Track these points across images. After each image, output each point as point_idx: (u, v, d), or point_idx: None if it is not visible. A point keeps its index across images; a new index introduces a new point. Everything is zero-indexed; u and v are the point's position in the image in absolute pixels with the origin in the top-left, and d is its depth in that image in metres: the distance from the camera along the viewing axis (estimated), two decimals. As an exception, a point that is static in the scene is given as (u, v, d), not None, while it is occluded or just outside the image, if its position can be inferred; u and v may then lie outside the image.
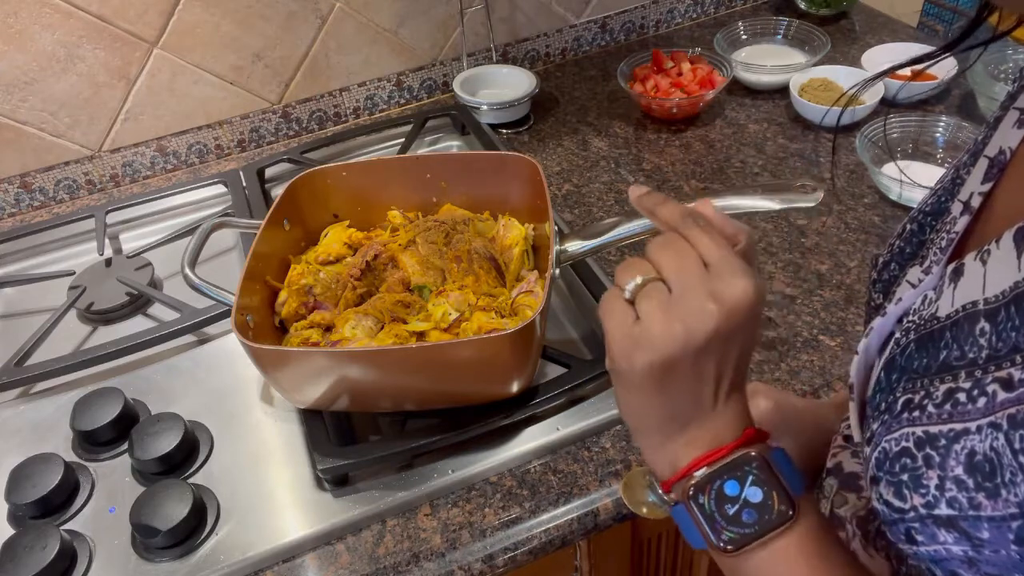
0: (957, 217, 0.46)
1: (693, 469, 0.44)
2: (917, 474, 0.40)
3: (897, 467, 0.42)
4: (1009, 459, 0.36)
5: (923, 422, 0.41)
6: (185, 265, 0.79)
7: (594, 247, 0.72)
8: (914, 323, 0.46)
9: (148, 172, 1.19)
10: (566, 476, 0.72)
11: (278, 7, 1.11)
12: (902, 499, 0.41)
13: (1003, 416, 0.37)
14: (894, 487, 0.42)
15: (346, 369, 0.67)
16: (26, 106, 1.07)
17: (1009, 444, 0.36)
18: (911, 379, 0.44)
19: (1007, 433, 0.37)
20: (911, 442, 0.41)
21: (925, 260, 0.48)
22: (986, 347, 0.40)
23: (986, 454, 0.38)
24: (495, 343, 0.65)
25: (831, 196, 0.99)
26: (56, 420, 0.81)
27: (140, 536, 0.68)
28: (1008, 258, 0.40)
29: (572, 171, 1.10)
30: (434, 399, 0.73)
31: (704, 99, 1.14)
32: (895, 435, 0.42)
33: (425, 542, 0.68)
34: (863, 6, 1.39)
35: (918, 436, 0.41)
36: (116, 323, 0.94)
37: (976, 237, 0.46)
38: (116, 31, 1.05)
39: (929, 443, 0.40)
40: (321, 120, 1.24)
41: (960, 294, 0.43)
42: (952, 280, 0.44)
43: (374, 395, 0.72)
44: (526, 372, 0.70)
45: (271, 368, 0.69)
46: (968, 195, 0.46)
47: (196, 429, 0.77)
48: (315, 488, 0.72)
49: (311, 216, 0.86)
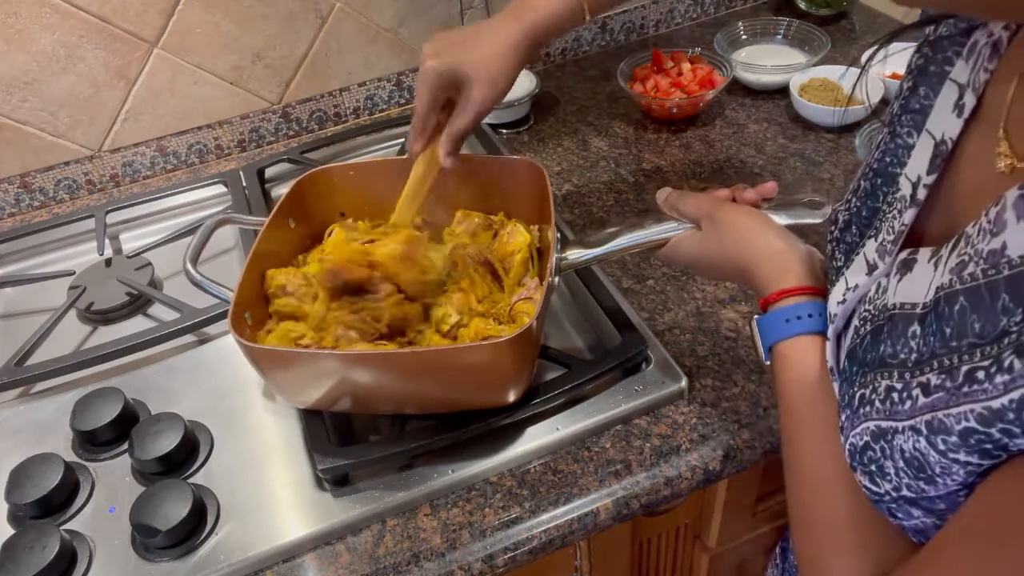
0: (905, 206, 0.49)
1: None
2: (880, 464, 0.43)
3: (865, 459, 0.45)
4: (936, 458, 0.39)
5: (873, 416, 0.44)
6: (187, 261, 0.79)
7: (595, 256, 0.72)
8: (869, 313, 0.49)
9: (148, 172, 1.19)
10: (566, 476, 0.72)
11: (278, 7, 1.12)
12: (876, 485, 0.44)
13: (921, 421, 0.40)
14: (867, 476, 0.45)
15: (341, 372, 0.67)
16: (26, 106, 1.07)
17: (932, 447, 0.39)
18: (863, 372, 0.47)
19: (928, 438, 0.39)
20: (868, 436, 0.44)
21: (879, 235, 0.51)
22: (915, 350, 0.43)
23: (912, 453, 0.40)
24: (491, 349, 0.65)
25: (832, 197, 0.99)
26: (56, 420, 0.81)
27: (140, 536, 0.68)
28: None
29: (572, 171, 1.10)
30: (430, 404, 0.73)
31: (704, 99, 1.14)
32: (857, 430, 0.45)
33: (425, 542, 0.68)
34: (863, 6, 1.39)
35: (872, 430, 0.44)
36: (116, 323, 0.94)
37: (924, 224, 0.49)
38: (116, 31, 1.05)
39: (881, 436, 0.43)
40: (321, 120, 1.24)
41: (903, 289, 0.46)
42: (899, 271, 0.47)
43: (369, 398, 0.71)
44: (523, 379, 0.69)
45: (267, 367, 0.69)
46: (915, 178, 0.48)
47: (196, 429, 0.77)
48: (315, 488, 0.72)
49: (317, 214, 0.86)
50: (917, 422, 0.40)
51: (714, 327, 0.84)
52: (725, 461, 0.72)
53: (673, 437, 0.74)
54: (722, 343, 0.82)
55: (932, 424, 0.39)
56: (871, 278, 0.50)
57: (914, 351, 0.42)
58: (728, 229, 0.64)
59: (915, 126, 0.50)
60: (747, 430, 0.74)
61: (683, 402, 0.77)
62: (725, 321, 0.84)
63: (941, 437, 0.38)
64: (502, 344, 0.64)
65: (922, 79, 0.50)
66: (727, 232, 0.64)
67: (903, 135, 0.51)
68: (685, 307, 0.87)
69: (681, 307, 0.87)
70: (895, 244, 0.49)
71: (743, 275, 0.63)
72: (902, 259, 0.47)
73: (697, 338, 0.83)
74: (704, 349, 0.82)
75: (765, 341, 0.58)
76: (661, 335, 0.83)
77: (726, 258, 0.64)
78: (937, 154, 0.47)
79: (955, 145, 0.46)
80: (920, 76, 0.51)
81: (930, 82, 0.49)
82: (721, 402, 0.76)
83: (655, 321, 0.85)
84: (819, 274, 0.60)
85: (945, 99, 0.48)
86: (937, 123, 0.48)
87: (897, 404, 0.42)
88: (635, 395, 0.76)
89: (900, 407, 0.42)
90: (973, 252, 0.40)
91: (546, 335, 0.84)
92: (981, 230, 0.40)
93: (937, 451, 0.38)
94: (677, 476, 0.71)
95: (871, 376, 0.45)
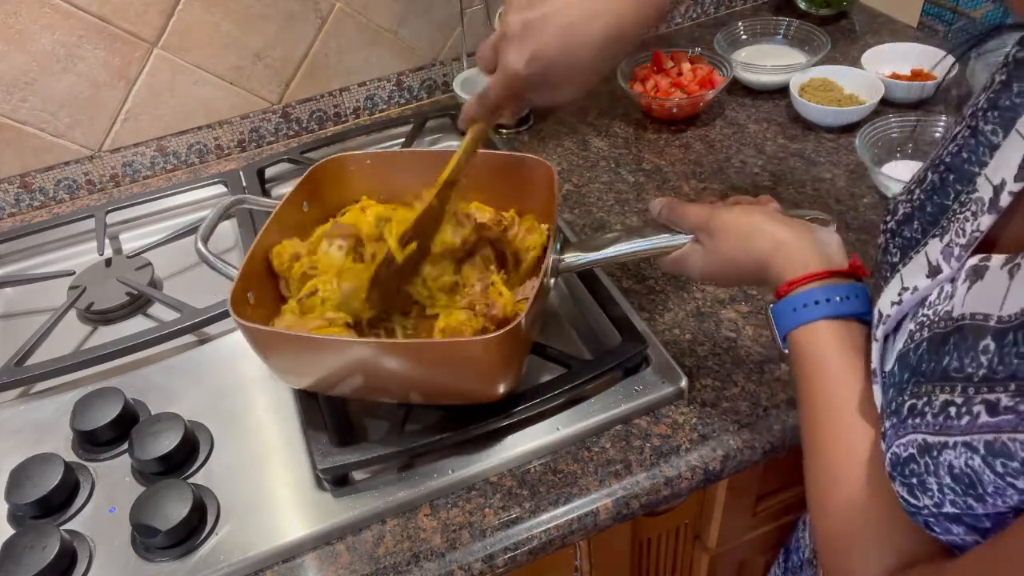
0: (982, 210, 0.45)
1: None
2: (922, 479, 0.41)
3: (907, 471, 0.43)
4: (991, 478, 0.37)
5: (923, 430, 0.42)
6: (198, 239, 0.80)
7: (592, 261, 0.72)
8: (928, 318, 0.46)
9: (148, 172, 1.19)
10: (566, 476, 0.72)
11: (278, 7, 1.11)
12: (915, 498, 0.42)
13: (980, 440, 0.37)
14: (907, 487, 0.43)
15: (334, 357, 0.67)
16: (26, 106, 1.07)
17: (989, 468, 0.37)
18: (918, 382, 0.44)
19: (984, 458, 0.37)
20: (915, 448, 0.42)
21: (945, 235, 0.47)
22: (985, 366, 0.39)
23: (962, 469, 0.38)
24: (475, 346, 0.64)
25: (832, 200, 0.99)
26: (56, 420, 0.81)
27: (140, 536, 0.68)
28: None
29: (572, 171, 1.10)
30: (421, 392, 0.73)
31: (704, 99, 1.14)
32: (903, 440, 0.43)
33: (425, 542, 0.68)
34: (863, 6, 1.39)
35: (919, 443, 0.42)
36: (116, 323, 0.94)
37: (1000, 231, 0.45)
38: (116, 31, 1.05)
39: (927, 451, 0.41)
40: (321, 120, 1.24)
41: (973, 298, 0.42)
42: (969, 279, 0.44)
43: (364, 384, 0.71)
44: (511, 375, 0.69)
45: (263, 348, 0.69)
46: (999, 181, 0.44)
47: (196, 429, 0.77)
48: (315, 488, 0.72)
49: (332, 200, 0.86)
50: (974, 440, 0.38)
51: (714, 327, 0.84)
52: (725, 461, 0.72)
53: (673, 437, 0.74)
54: (722, 343, 0.82)
55: (993, 446, 0.37)
56: (934, 281, 0.46)
57: (984, 367, 0.39)
58: (727, 236, 0.62)
59: (1002, 124, 0.46)
60: (747, 430, 0.74)
61: (683, 402, 0.77)
62: (725, 321, 0.84)
63: (1001, 461, 0.36)
64: (491, 341, 0.63)
65: (1019, 74, 0.46)
66: (726, 239, 0.62)
67: (987, 132, 0.47)
68: (685, 307, 0.87)
69: (681, 307, 0.87)
70: (966, 249, 0.45)
71: (757, 277, 0.61)
72: (972, 265, 0.44)
73: (697, 338, 0.83)
74: (704, 349, 0.82)
75: (780, 330, 0.58)
76: (661, 335, 0.83)
77: (736, 266, 0.63)
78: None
79: None
80: (1017, 71, 0.46)
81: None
82: (721, 402, 0.76)
83: (655, 321, 0.85)
84: (833, 257, 0.58)
85: None
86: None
87: (953, 419, 0.40)
88: (635, 395, 0.76)
89: (956, 422, 0.39)
90: None
91: (546, 335, 0.84)
92: None
93: (994, 472, 0.36)
94: (677, 476, 0.71)
95: (928, 388, 0.43)
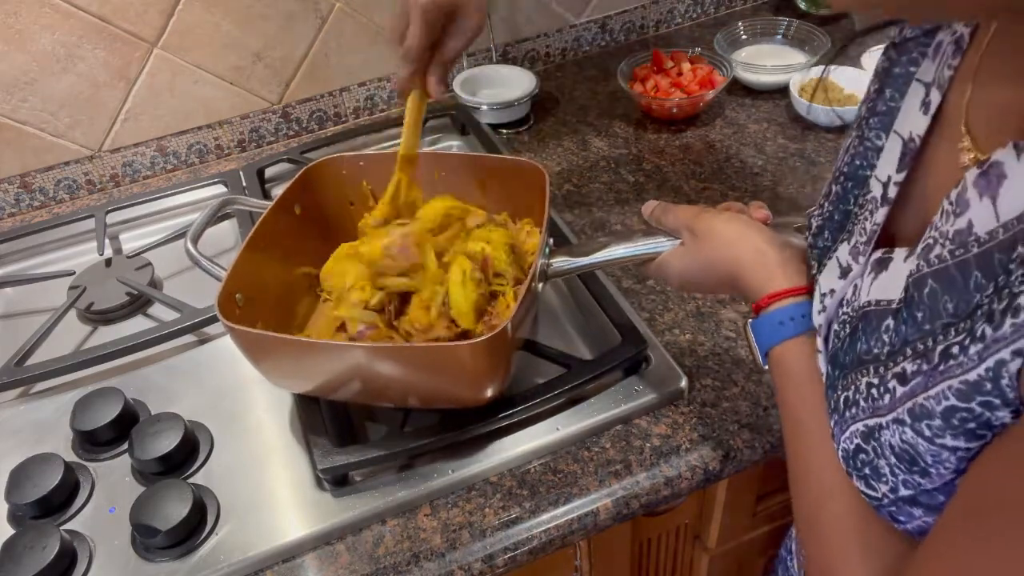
0: (876, 206, 0.49)
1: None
2: (874, 465, 0.43)
3: (858, 462, 0.44)
4: (925, 446, 0.39)
5: (860, 417, 0.44)
6: (188, 239, 0.79)
7: (580, 266, 0.71)
8: (847, 315, 0.49)
9: (148, 172, 1.19)
10: (566, 476, 0.72)
11: (278, 7, 1.12)
12: (873, 489, 0.44)
13: (903, 411, 0.40)
14: (863, 479, 0.44)
15: (318, 359, 0.67)
16: (26, 106, 1.07)
17: (919, 435, 0.39)
18: (844, 375, 0.47)
19: (913, 426, 0.39)
20: (859, 438, 0.44)
21: (852, 237, 0.51)
22: (888, 343, 0.43)
23: (901, 446, 0.40)
24: (461, 351, 0.64)
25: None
26: (56, 420, 0.81)
27: (140, 536, 0.68)
28: None
29: (572, 171, 1.10)
30: (400, 396, 0.73)
31: (704, 99, 1.14)
32: (847, 433, 0.45)
33: (425, 542, 0.68)
34: (863, 6, 1.39)
35: (861, 431, 0.44)
36: (116, 323, 0.94)
37: (897, 224, 0.49)
38: (116, 31, 1.05)
39: (869, 436, 0.43)
40: (321, 120, 1.24)
41: (877, 287, 0.46)
42: (874, 270, 0.47)
43: (351, 388, 0.71)
44: (497, 379, 0.69)
45: (248, 351, 0.69)
46: (886, 178, 0.48)
47: (196, 429, 0.77)
48: (315, 488, 0.72)
49: (325, 202, 0.86)
50: (900, 413, 0.40)
51: (714, 327, 0.84)
52: (725, 461, 0.72)
53: (673, 437, 0.74)
54: (722, 343, 0.82)
55: (914, 411, 0.39)
56: (846, 281, 0.49)
57: (887, 344, 0.42)
58: (708, 239, 0.62)
59: (883, 128, 0.50)
60: (747, 430, 0.74)
61: (683, 402, 0.77)
62: (725, 321, 0.84)
63: (925, 423, 0.38)
64: (477, 346, 0.63)
65: (888, 81, 0.51)
66: (708, 243, 0.62)
67: (871, 137, 0.51)
68: (685, 307, 0.87)
69: (681, 307, 0.87)
70: (868, 244, 0.48)
71: (733, 285, 0.61)
72: (876, 258, 0.47)
73: (697, 338, 0.83)
74: (704, 349, 0.82)
75: (760, 346, 0.57)
76: (661, 335, 0.83)
77: (713, 272, 0.62)
78: (906, 152, 0.47)
79: (923, 143, 0.46)
80: (886, 79, 0.51)
81: (896, 84, 0.50)
82: (721, 402, 0.76)
83: (655, 321, 0.85)
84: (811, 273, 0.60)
85: (912, 98, 0.48)
86: (905, 123, 0.48)
87: (877, 399, 0.42)
88: (635, 395, 0.76)
89: (880, 402, 0.42)
90: (938, 235, 0.40)
91: (546, 335, 0.84)
92: (944, 213, 0.40)
93: (924, 438, 0.38)
94: (677, 476, 0.71)
95: (851, 377, 0.45)
